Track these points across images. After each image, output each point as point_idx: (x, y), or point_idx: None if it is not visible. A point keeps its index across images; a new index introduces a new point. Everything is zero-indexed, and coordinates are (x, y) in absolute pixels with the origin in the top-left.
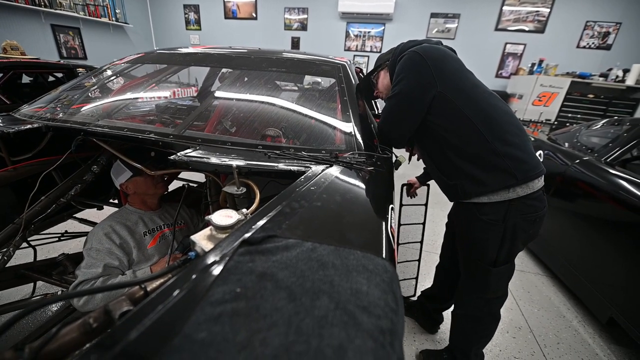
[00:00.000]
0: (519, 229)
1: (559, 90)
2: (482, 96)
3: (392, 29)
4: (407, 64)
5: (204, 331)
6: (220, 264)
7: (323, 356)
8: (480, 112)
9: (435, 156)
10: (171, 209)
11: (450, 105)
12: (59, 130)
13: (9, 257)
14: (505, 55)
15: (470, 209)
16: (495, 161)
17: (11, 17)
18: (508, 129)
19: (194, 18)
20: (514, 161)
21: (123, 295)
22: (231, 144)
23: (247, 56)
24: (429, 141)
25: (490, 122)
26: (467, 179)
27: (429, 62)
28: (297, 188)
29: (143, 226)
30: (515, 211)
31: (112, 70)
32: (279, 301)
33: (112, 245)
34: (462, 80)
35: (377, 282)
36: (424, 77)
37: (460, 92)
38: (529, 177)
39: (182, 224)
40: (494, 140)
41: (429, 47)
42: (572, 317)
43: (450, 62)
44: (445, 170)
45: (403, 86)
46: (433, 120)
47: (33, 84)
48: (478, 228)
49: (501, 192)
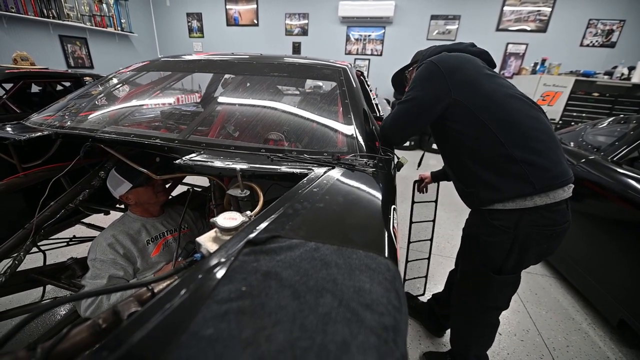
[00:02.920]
0: (531, 240)
1: (562, 90)
2: (503, 100)
3: (393, 32)
4: (423, 73)
5: (211, 328)
6: (225, 264)
7: (327, 352)
8: (498, 117)
9: (453, 162)
10: (175, 213)
11: (466, 111)
12: (67, 137)
13: (20, 261)
14: (507, 55)
15: (482, 213)
16: (511, 168)
17: (21, 28)
18: (531, 134)
19: (197, 26)
20: (532, 168)
21: (131, 297)
22: (234, 147)
23: (249, 62)
24: (447, 146)
25: (509, 127)
26: (482, 185)
27: (444, 72)
28: (299, 190)
29: (146, 234)
30: (529, 221)
31: (118, 79)
32: (283, 299)
33: (117, 256)
34: (479, 85)
35: (379, 281)
36: (438, 87)
37: (477, 98)
38: (549, 186)
39: (185, 229)
40: (511, 146)
41: (447, 57)
42: (581, 320)
43: (467, 69)
44: (462, 176)
45: (416, 93)
46: (450, 126)
47: (42, 93)
48: (486, 232)
49: (517, 199)
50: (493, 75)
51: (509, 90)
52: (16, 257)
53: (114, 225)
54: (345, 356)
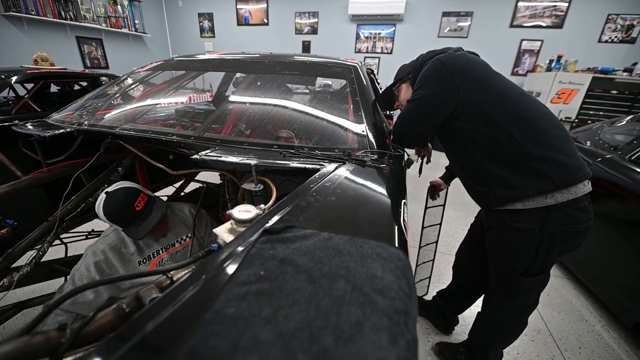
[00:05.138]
0: (557, 240)
1: (579, 87)
2: (514, 98)
3: (403, 30)
4: (429, 72)
5: (233, 307)
6: (243, 252)
7: (342, 331)
8: (512, 115)
9: (464, 161)
10: (176, 220)
11: (478, 109)
12: (88, 134)
13: (43, 252)
14: (521, 52)
15: (502, 215)
16: (529, 164)
17: (41, 30)
18: (545, 130)
19: (208, 26)
20: (551, 164)
21: (152, 284)
22: (248, 144)
23: (261, 60)
24: (457, 146)
25: (524, 124)
26: (499, 183)
27: (451, 70)
28: (311, 184)
29: (138, 255)
30: (555, 220)
31: (134, 78)
32: (299, 283)
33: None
34: (489, 84)
35: (390, 269)
36: (446, 85)
37: (488, 96)
38: (570, 181)
39: (188, 239)
40: (528, 143)
41: (452, 55)
42: (595, 321)
43: (475, 68)
44: (475, 176)
45: (424, 92)
46: (462, 126)
47: (60, 93)
48: (510, 236)
49: (538, 197)
50: (500, 75)
51: (519, 89)
52: (40, 248)
53: (107, 240)
54: (358, 335)
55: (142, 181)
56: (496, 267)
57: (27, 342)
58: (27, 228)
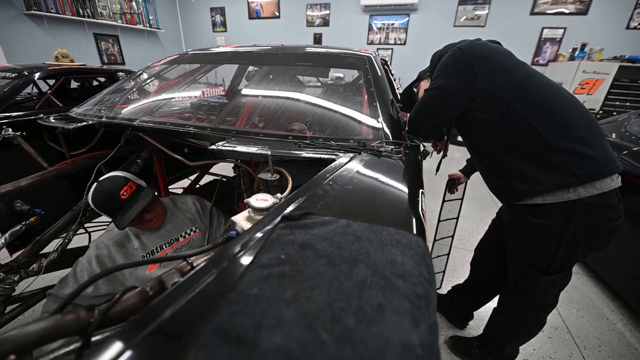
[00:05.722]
0: (580, 238)
1: (604, 77)
2: (537, 87)
3: (417, 20)
4: (449, 61)
5: (256, 288)
6: (263, 237)
7: (364, 312)
8: (533, 105)
9: (483, 154)
10: (181, 215)
11: (498, 99)
12: (109, 126)
13: (69, 240)
14: (542, 41)
15: (521, 210)
16: (549, 157)
17: (60, 28)
18: (571, 122)
19: (220, 20)
20: (574, 157)
21: (173, 269)
22: (263, 135)
23: (274, 52)
24: (475, 138)
25: (547, 115)
26: (517, 177)
27: (471, 59)
28: (327, 174)
29: (141, 249)
30: (579, 217)
31: (151, 72)
32: (320, 267)
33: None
34: (511, 73)
35: (410, 255)
36: (465, 74)
37: (509, 86)
38: (595, 175)
39: (195, 232)
40: (549, 135)
41: (473, 44)
42: (616, 320)
43: (496, 56)
44: (493, 169)
45: (443, 81)
46: (479, 116)
47: (80, 89)
48: (529, 232)
49: (558, 192)
50: (524, 63)
51: (543, 78)
52: (65, 236)
53: (110, 232)
54: (381, 317)
55: (159, 173)
56: (515, 264)
57: (60, 320)
58: (52, 217)
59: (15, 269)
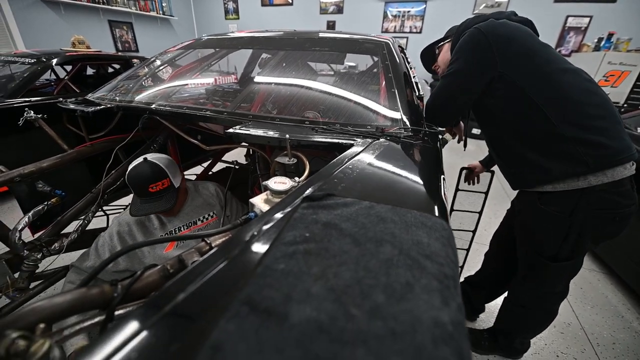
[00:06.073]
0: (589, 225)
1: (631, 69)
2: (555, 75)
3: (435, 7)
4: (467, 42)
5: (282, 264)
6: (286, 216)
7: (392, 289)
8: (549, 93)
9: (495, 141)
10: (200, 199)
11: (513, 86)
12: (127, 110)
13: (88, 221)
14: (566, 30)
15: (532, 197)
16: (561, 147)
17: (76, 14)
18: (586, 110)
19: (233, 7)
20: (586, 146)
21: (192, 249)
22: (279, 120)
23: (289, 37)
24: (488, 125)
25: (560, 103)
26: (528, 166)
27: (491, 41)
28: (346, 158)
29: (160, 229)
30: (588, 204)
31: (166, 58)
32: (345, 245)
33: (120, 247)
34: (531, 58)
35: (436, 237)
36: (484, 57)
37: (526, 72)
38: (606, 164)
39: (212, 217)
40: (561, 123)
41: (494, 24)
42: (632, 318)
43: (518, 39)
44: (505, 156)
45: (460, 65)
46: (493, 103)
47: (96, 75)
48: (539, 218)
49: (568, 180)
50: (548, 46)
51: (563, 64)
52: (85, 217)
53: None
54: (410, 295)
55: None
56: (524, 252)
57: (85, 294)
58: (72, 199)
59: (38, 247)
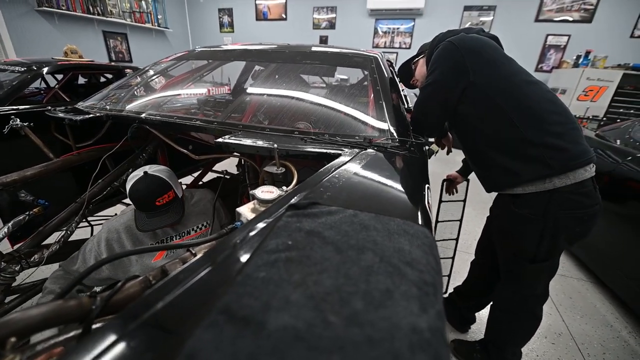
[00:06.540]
0: (562, 225)
1: (608, 84)
2: (520, 85)
3: (423, 24)
4: (441, 54)
5: (263, 272)
6: (270, 224)
7: (371, 297)
8: (515, 101)
9: (468, 146)
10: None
11: (483, 94)
12: (117, 118)
13: (71, 232)
14: (547, 47)
15: (506, 200)
16: (528, 151)
17: (70, 25)
18: (548, 117)
19: (228, 21)
20: (550, 150)
21: (177, 259)
22: (269, 130)
23: (282, 50)
24: (461, 131)
25: (527, 111)
26: (499, 169)
27: (463, 52)
28: (333, 167)
29: (152, 238)
30: (557, 205)
31: (159, 68)
32: (327, 253)
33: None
34: (498, 68)
35: (418, 244)
36: (457, 67)
37: (494, 81)
38: (569, 167)
39: (205, 227)
40: (528, 130)
41: (464, 37)
42: (620, 327)
43: (486, 51)
44: (477, 160)
45: (436, 76)
46: (465, 110)
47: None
48: (514, 221)
49: (536, 182)
50: (511, 59)
51: (527, 76)
52: (68, 228)
53: (123, 216)
54: (389, 302)
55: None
56: (503, 254)
57: (62, 306)
58: (56, 209)
59: (17, 259)
